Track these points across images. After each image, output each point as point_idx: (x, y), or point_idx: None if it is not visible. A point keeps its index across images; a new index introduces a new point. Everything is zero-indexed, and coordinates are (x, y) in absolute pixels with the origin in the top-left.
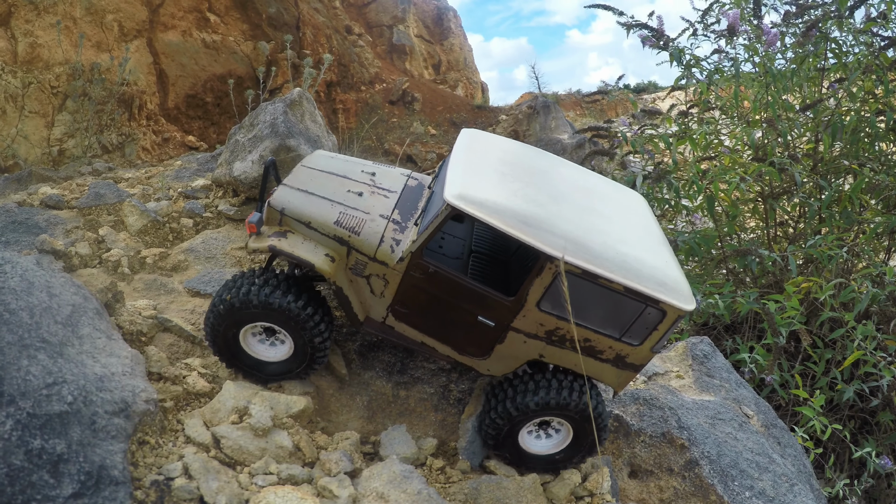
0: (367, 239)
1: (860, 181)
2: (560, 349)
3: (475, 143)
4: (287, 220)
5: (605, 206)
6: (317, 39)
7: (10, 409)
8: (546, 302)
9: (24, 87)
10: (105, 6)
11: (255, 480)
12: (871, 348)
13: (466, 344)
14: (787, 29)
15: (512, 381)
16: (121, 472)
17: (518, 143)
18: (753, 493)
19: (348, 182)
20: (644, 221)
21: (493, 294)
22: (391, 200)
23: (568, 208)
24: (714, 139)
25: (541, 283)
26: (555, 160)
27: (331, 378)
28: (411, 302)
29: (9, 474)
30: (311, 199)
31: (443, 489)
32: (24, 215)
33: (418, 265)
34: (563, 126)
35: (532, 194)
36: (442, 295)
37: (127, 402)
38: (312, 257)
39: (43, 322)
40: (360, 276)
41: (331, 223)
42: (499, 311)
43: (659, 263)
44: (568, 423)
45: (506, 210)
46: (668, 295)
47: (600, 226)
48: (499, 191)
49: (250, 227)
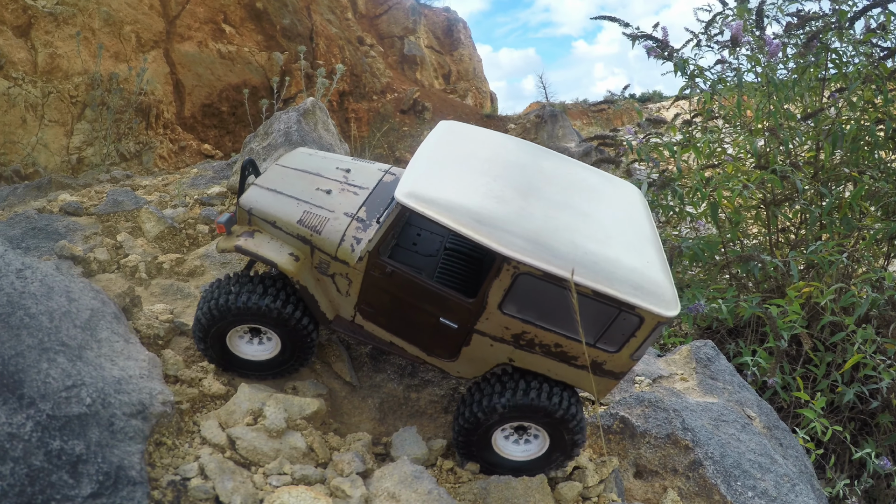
0: (328, 237)
1: (860, 188)
2: (530, 353)
3: (450, 135)
4: (255, 220)
5: (587, 202)
6: (330, 50)
7: (31, 410)
8: (509, 305)
9: (44, 97)
10: (123, 18)
11: (269, 480)
12: (870, 351)
13: (433, 345)
14: (788, 40)
15: (479, 385)
16: (138, 472)
17: (502, 136)
18: (756, 493)
19: (319, 180)
20: (633, 217)
21: (453, 296)
22: (360, 198)
23: (538, 204)
24: (717, 147)
25: (500, 286)
26: (541, 152)
27: (343, 381)
28: (375, 301)
29: (29, 474)
30: (278, 199)
31: (453, 489)
32: (43, 222)
33: (376, 265)
34: (570, 135)
35: (498, 190)
36: (403, 295)
37: (144, 404)
38: (276, 256)
39: (62, 326)
40: (326, 275)
41: (294, 222)
42: (460, 313)
43: (638, 264)
44: (544, 429)
45: (459, 207)
46: (644, 300)
47: (572, 223)
48: (458, 187)
49: (219, 227)
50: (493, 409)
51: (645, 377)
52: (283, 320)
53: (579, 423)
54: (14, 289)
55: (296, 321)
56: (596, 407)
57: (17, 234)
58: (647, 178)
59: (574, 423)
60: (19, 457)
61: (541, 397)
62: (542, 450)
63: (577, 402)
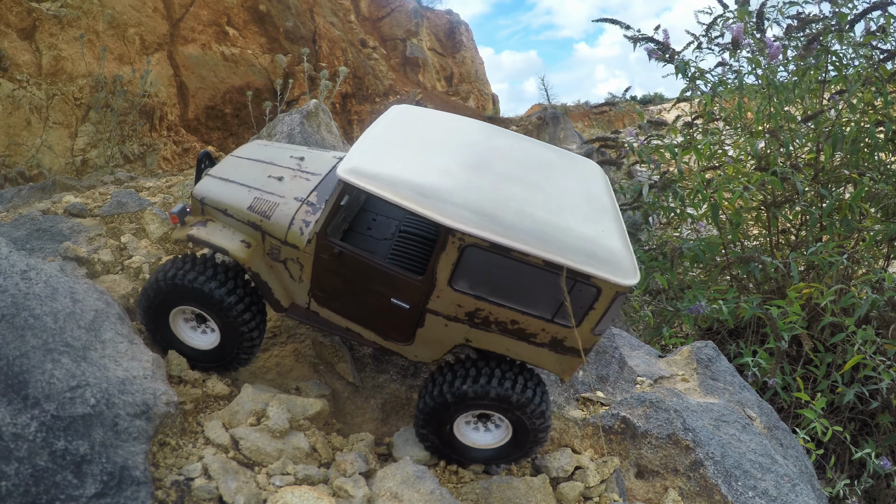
0: (277, 222)
1: (860, 190)
2: (486, 332)
3: (401, 117)
4: (207, 209)
5: (540, 176)
6: (332, 52)
7: (35, 411)
8: (459, 280)
9: (49, 99)
10: (127, 20)
11: (272, 481)
12: (870, 352)
13: (388, 329)
14: (789, 42)
15: (452, 367)
16: (142, 472)
17: (458, 118)
18: (756, 492)
19: (271, 168)
20: (590, 191)
21: (402, 274)
22: (311, 183)
23: (486, 178)
24: (718, 149)
25: (447, 260)
26: (497, 131)
27: (346, 382)
28: (327, 285)
29: (34, 474)
30: (229, 187)
31: (455, 489)
32: (48, 223)
33: (324, 246)
34: (571, 136)
35: (444, 165)
36: (353, 277)
37: (148, 404)
38: (228, 244)
39: (67, 327)
40: (278, 261)
41: (244, 208)
42: (410, 292)
43: (592, 233)
44: (507, 419)
45: (402, 181)
46: (599, 268)
47: (522, 195)
48: (402, 163)
49: (172, 217)
50: (444, 398)
51: (646, 378)
52: (224, 309)
53: (538, 407)
54: (19, 290)
55: (236, 314)
56: (597, 408)
57: (22, 236)
58: (649, 180)
59: (532, 407)
60: (24, 457)
61: (491, 383)
62: (506, 438)
63: (535, 387)
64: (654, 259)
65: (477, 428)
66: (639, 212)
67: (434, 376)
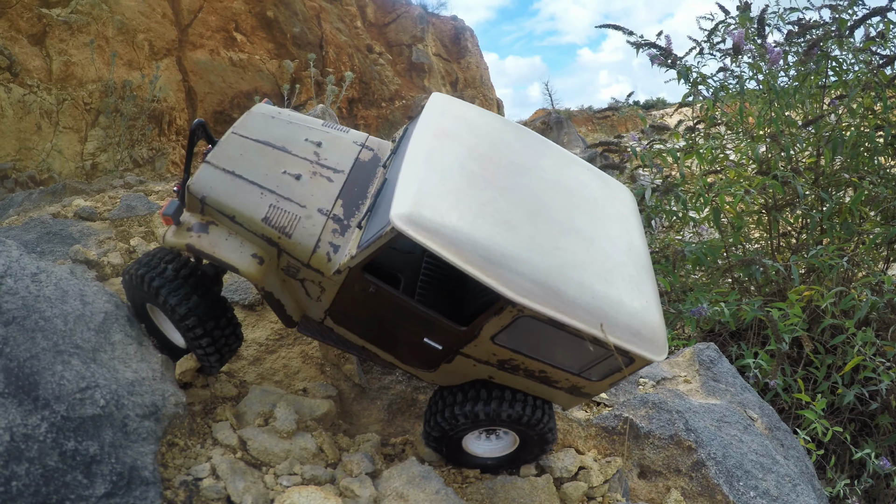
0: (300, 242)
1: (860, 194)
2: (512, 375)
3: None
4: (209, 210)
5: (588, 221)
6: (339, 58)
7: (45, 412)
8: (503, 337)
9: (59, 104)
10: (136, 26)
11: (280, 481)
12: (870, 354)
13: (410, 358)
14: (789, 48)
15: (463, 387)
16: (151, 472)
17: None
18: (758, 492)
19: (285, 158)
20: (629, 237)
21: (443, 321)
22: (335, 185)
23: (545, 230)
24: (720, 153)
25: (498, 322)
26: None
27: (352, 383)
28: (351, 312)
29: (44, 475)
30: (237, 185)
31: (460, 489)
32: (58, 227)
33: (358, 281)
34: (575, 141)
35: (504, 210)
36: (384, 312)
37: (157, 405)
38: (237, 259)
39: (76, 329)
40: (294, 279)
41: (258, 220)
42: (447, 337)
43: (638, 306)
44: (515, 432)
45: (465, 240)
46: (640, 347)
47: (578, 257)
48: (462, 206)
49: (166, 219)
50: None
51: (649, 379)
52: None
53: (546, 424)
54: (29, 292)
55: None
56: (600, 408)
57: (33, 239)
58: (651, 184)
59: (541, 426)
60: (34, 457)
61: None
62: (512, 448)
63: (543, 405)
64: (657, 262)
65: (482, 438)
66: (642, 215)
67: (444, 395)
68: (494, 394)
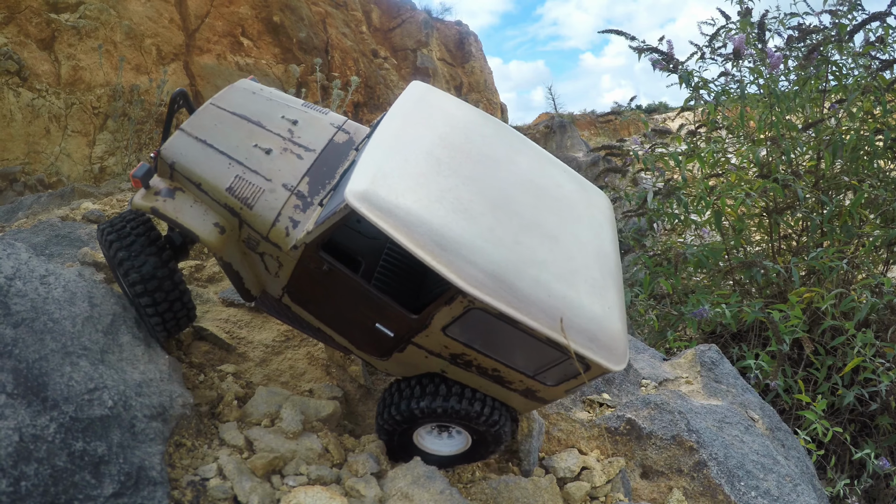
0: (260, 214)
1: (860, 197)
2: (465, 371)
3: (420, 106)
4: (178, 176)
5: (555, 219)
6: (345, 62)
7: (54, 413)
8: (454, 329)
9: (67, 108)
10: (144, 31)
11: (286, 481)
12: (870, 355)
13: (364, 343)
14: (789, 52)
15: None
16: (159, 472)
17: (477, 115)
18: (759, 492)
19: (259, 133)
20: (600, 242)
21: (395, 307)
22: (304, 163)
23: (507, 223)
24: (721, 157)
25: (449, 312)
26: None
27: (357, 384)
28: (306, 290)
29: (52, 475)
30: (207, 154)
31: (464, 489)
32: (66, 229)
33: (312, 258)
34: (578, 145)
35: (466, 198)
36: (338, 292)
37: (165, 406)
38: (199, 226)
39: (85, 330)
40: (254, 252)
41: (223, 189)
42: (399, 324)
43: (599, 311)
44: (467, 431)
45: (419, 223)
46: (596, 353)
47: (539, 254)
48: (421, 189)
49: (135, 181)
50: (412, 413)
51: (651, 380)
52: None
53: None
54: (38, 294)
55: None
56: (603, 409)
57: (41, 242)
58: (653, 187)
59: (496, 428)
60: (43, 458)
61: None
62: (464, 447)
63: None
64: (659, 265)
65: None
66: (644, 218)
67: (400, 387)
68: (454, 390)
